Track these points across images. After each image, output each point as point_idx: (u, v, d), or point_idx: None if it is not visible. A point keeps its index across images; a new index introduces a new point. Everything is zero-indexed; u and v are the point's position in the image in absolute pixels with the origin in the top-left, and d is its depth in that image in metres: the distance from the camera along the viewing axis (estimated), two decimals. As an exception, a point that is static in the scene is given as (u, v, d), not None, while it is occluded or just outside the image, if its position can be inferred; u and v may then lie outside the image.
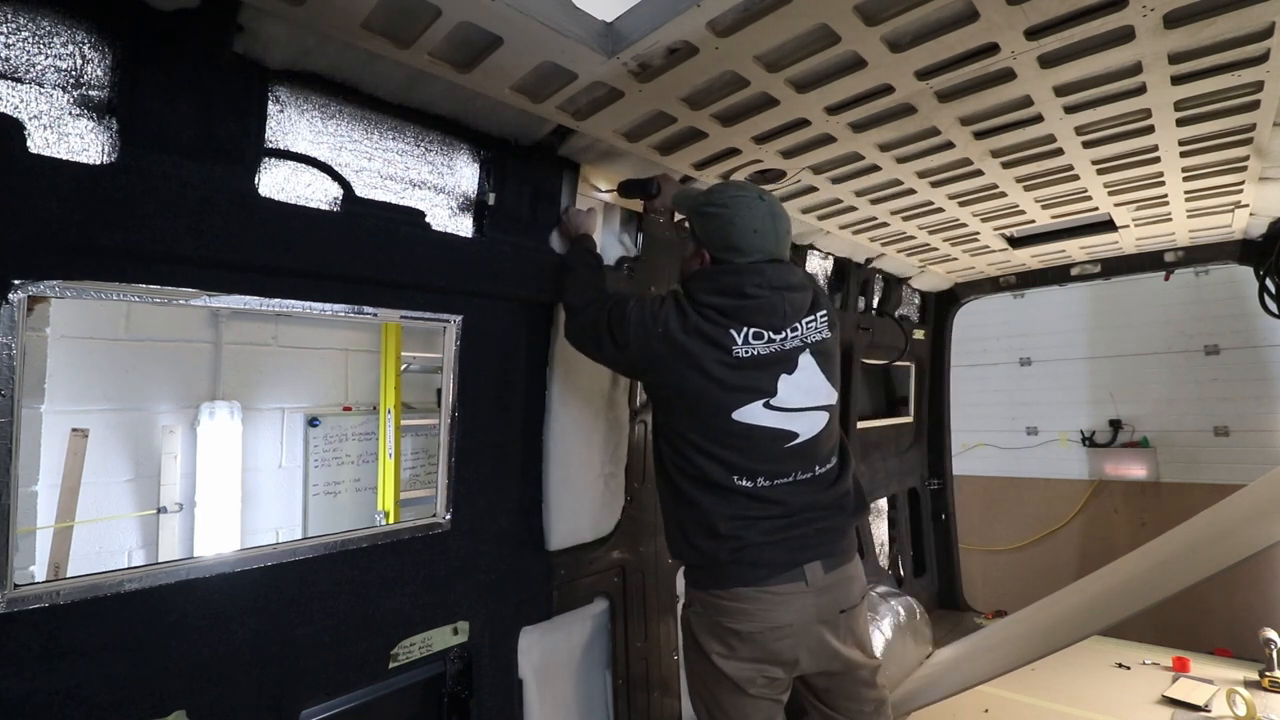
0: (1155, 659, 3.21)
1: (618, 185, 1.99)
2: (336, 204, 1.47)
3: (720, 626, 1.47)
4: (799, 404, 1.49)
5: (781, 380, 1.48)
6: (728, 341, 1.45)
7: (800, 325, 1.51)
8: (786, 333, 1.49)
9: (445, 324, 1.74)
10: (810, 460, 1.51)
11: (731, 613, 1.46)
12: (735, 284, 1.47)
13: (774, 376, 1.47)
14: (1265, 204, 2.42)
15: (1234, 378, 4.89)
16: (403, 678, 1.63)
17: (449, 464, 1.74)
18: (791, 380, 1.48)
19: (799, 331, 1.51)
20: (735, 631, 1.45)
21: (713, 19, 1.23)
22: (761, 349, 1.46)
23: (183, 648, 1.25)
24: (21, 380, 1.12)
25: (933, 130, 1.74)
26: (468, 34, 1.28)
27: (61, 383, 3.62)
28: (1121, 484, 5.31)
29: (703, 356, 1.44)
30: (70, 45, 1.13)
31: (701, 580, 1.53)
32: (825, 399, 1.54)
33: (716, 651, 1.48)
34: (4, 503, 1.10)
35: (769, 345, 1.47)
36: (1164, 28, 1.27)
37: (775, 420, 1.47)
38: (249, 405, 4.34)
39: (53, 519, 3.52)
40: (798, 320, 1.50)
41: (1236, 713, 2.45)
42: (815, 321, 1.53)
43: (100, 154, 1.15)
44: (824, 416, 1.53)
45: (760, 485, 1.46)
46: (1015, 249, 3.01)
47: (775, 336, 1.48)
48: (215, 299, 1.36)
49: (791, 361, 1.49)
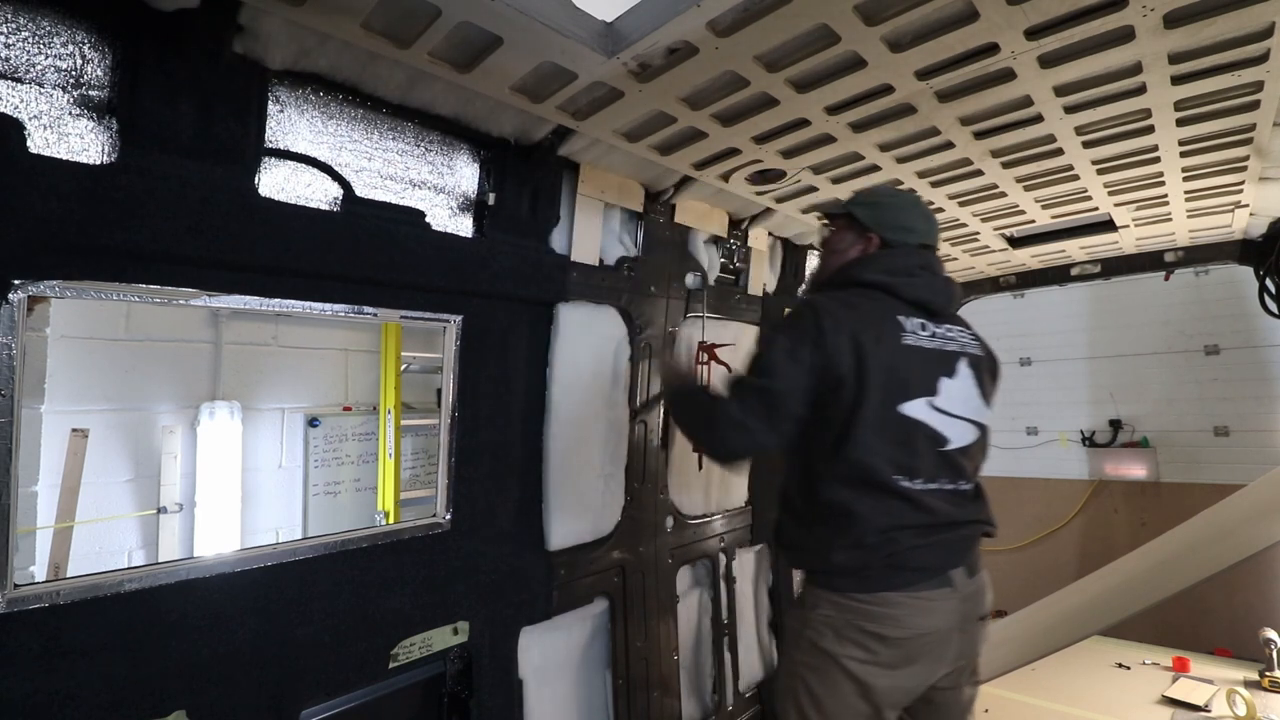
0: (1155, 659, 3.22)
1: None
2: (336, 204, 1.47)
3: (861, 631, 1.40)
4: (955, 410, 1.48)
5: (942, 381, 1.47)
6: (895, 329, 1.46)
7: (954, 331, 1.55)
8: (945, 329, 1.53)
9: (445, 324, 1.74)
10: (956, 472, 1.48)
11: (877, 618, 1.39)
12: (905, 264, 1.55)
13: (935, 376, 1.47)
14: (1265, 204, 2.42)
15: (1234, 378, 4.88)
16: (403, 678, 1.63)
17: (449, 464, 1.74)
18: (950, 384, 1.48)
19: (954, 337, 1.54)
20: (880, 636, 1.39)
21: (713, 19, 1.23)
22: (926, 342, 1.48)
23: (183, 648, 1.25)
24: (21, 380, 1.12)
25: (933, 130, 1.74)
26: (468, 34, 1.28)
27: (61, 383, 3.61)
28: (1121, 484, 5.30)
29: (873, 342, 1.43)
30: (70, 45, 1.13)
31: (840, 584, 1.44)
32: (977, 414, 1.54)
33: (853, 657, 1.39)
34: (4, 503, 1.10)
35: (932, 340, 1.49)
36: (1164, 28, 1.27)
37: (934, 421, 1.45)
38: (249, 405, 4.34)
39: (53, 519, 3.52)
40: (949, 307, 1.58)
41: (1236, 713, 2.45)
42: (966, 334, 1.59)
43: (100, 154, 1.15)
44: (975, 431, 1.52)
45: (917, 487, 1.42)
46: (1015, 249, 3.01)
47: (936, 330, 1.51)
48: (215, 299, 1.36)
49: (950, 365, 1.50)
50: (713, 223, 2.45)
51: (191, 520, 4.05)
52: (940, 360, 1.49)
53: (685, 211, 2.32)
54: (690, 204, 2.32)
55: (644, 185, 2.14)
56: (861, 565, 1.40)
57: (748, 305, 2.71)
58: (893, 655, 1.39)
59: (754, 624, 2.84)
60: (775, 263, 2.92)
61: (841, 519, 1.42)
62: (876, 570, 1.40)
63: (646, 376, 2.28)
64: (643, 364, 2.26)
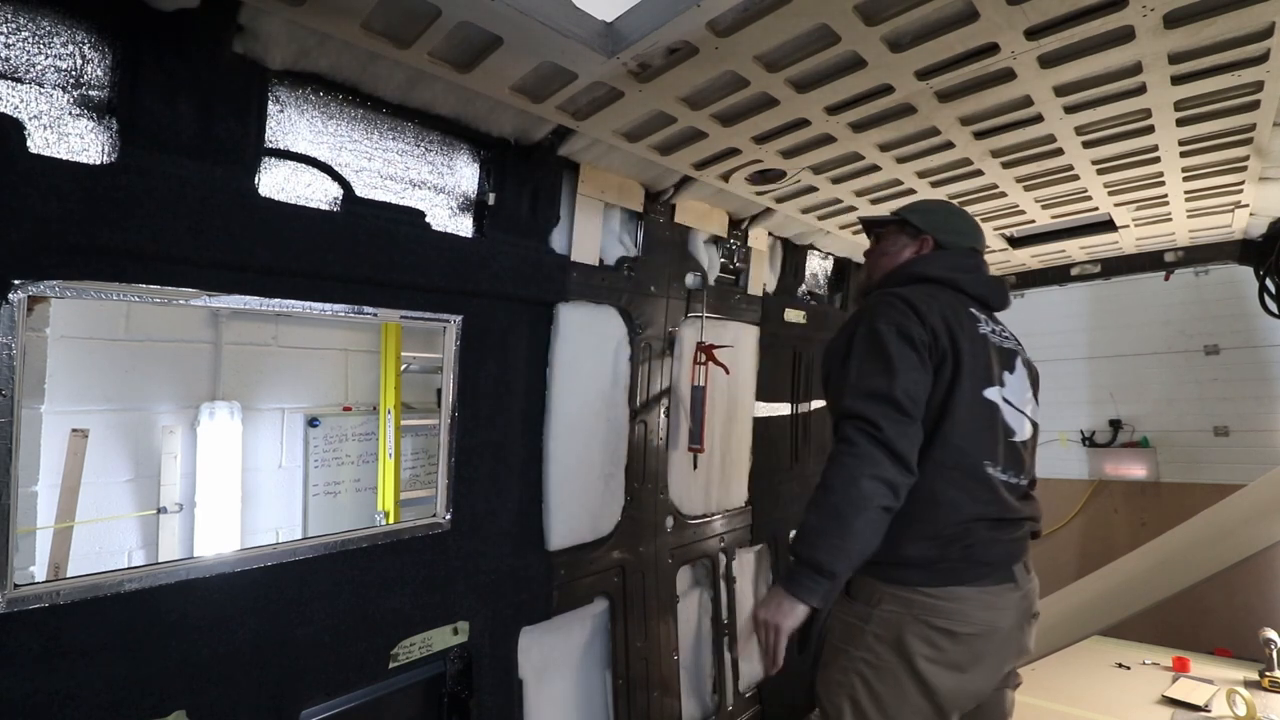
0: (1155, 659, 3.21)
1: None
2: (336, 204, 1.47)
3: (930, 626, 1.34)
4: (1017, 404, 1.49)
5: (1005, 375, 1.49)
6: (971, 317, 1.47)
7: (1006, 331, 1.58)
8: (1000, 327, 1.56)
9: (445, 324, 1.74)
10: (1019, 464, 1.47)
11: (947, 613, 1.34)
12: (961, 261, 1.58)
13: (1002, 368, 1.48)
14: (1265, 204, 2.42)
15: (1234, 378, 4.88)
16: (403, 678, 1.63)
17: (449, 464, 1.74)
18: (1011, 379, 1.50)
19: (1009, 335, 1.57)
20: (951, 633, 1.33)
21: (713, 19, 1.23)
22: (990, 334, 1.49)
23: (183, 648, 1.25)
24: (21, 380, 1.12)
25: (933, 130, 1.74)
26: (468, 34, 1.28)
27: (61, 383, 3.61)
28: (1121, 484, 5.29)
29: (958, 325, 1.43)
30: (70, 45, 1.13)
31: (909, 577, 1.37)
32: (1032, 412, 1.55)
33: (922, 654, 1.33)
34: (4, 503, 1.10)
35: (993, 333, 1.51)
36: (1164, 28, 1.27)
37: (1006, 409, 1.45)
38: (249, 405, 4.34)
39: (53, 519, 3.52)
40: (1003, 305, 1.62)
41: (1236, 713, 2.45)
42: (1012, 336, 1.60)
43: (100, 154, 1.15)
44: (1031, 428, 1.53)
45: (998, 475, 1.40)
46: (1015, 249, 3.01)
47: (995, 327, 1.53)
48: (215, 299, 1.36)
49: (1010, 361, 1.52)
50: (713, 223, 2.45)
51: (191, 520, 4.04)
52: (1001, 354, 1.51)
53: (685, 211, 2.32)
54: (690, 204, 2.32)
55: (644, 185, 2.14)
56: (936, 558, 1.35)
57: (748, 305, 2.71)
58: (961, 654, 1.34)
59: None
60: (775, 263, 2.92)
61: (924, 508, 1.34)
62: (950, 564, 1.35)
63: (646, 376, 2.28)
64: (642, 365, 2.26)
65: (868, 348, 1.35)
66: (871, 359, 1.33)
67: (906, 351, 1.32)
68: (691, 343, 2.45)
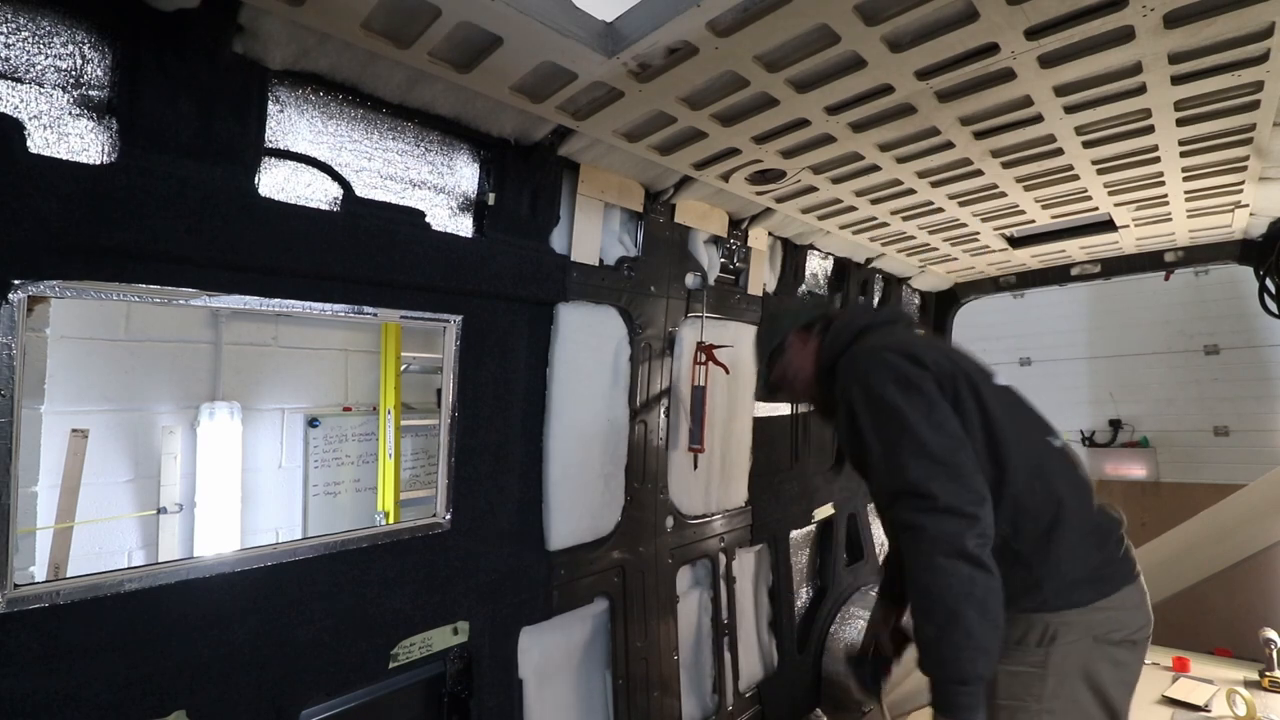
0: (1155, 659, 3.21)
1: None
2: (336, 204, 1.47)
3: (1113, 644, 1.23)
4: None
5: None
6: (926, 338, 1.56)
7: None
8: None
9: (445, 324, 1.74)
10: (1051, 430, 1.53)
11: (1124, 623, 1.24)
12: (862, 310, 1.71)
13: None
14: (1265, 204, 2.42)
15: (1234, 378, 4.88)
16: (403, 678, 1.63)
17: (449, 464, 1.74)
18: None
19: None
20: (1131, 643, 1.24)
21: (713, 19, 1.23)
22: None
23: (183, 648, 1.25)
24: (21, 380, 1.12)
25: (933, 130, 1.74)
26: (468, 34, 1.28)
27: (61, 383, 3.62)
28: (1121, 484, 5.30)
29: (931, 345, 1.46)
30: (70, 45, 1.13)
31: (1083, 596, 1.23)
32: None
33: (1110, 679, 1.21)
34: (4, 503, 1.10)
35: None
36: (1164, 28, 1.27)
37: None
38: (249, 406, 4.34)
39: (53, 519, 3.52)
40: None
41: (1236, 713, 2.45)
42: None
43: (100, 154, 1.15)
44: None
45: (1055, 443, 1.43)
46: (1015, 249, 3.01)
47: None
48: (215, 299, 1.36)
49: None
50: (713, 223, 2.45)
51: (191, 520, 4.05)
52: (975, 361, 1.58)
53: (685, 211, 2.32)
54: (690, 204, 2.32)
55: (644, 185, 2.14)
56: (1100, 561, 1.24)
57: (748, 305, 2.71)
58: (1137, 664, 1.25)
59: (754, 624, 2.84)
60: (775, 263, 2.92)
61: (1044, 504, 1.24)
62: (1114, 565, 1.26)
63: (646, 376, 2.28)
64: (642, 365, 2.26)
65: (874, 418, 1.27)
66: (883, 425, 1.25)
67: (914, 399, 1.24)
68: (691, 343, 2.45)
